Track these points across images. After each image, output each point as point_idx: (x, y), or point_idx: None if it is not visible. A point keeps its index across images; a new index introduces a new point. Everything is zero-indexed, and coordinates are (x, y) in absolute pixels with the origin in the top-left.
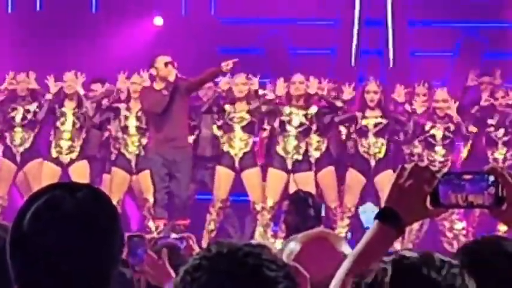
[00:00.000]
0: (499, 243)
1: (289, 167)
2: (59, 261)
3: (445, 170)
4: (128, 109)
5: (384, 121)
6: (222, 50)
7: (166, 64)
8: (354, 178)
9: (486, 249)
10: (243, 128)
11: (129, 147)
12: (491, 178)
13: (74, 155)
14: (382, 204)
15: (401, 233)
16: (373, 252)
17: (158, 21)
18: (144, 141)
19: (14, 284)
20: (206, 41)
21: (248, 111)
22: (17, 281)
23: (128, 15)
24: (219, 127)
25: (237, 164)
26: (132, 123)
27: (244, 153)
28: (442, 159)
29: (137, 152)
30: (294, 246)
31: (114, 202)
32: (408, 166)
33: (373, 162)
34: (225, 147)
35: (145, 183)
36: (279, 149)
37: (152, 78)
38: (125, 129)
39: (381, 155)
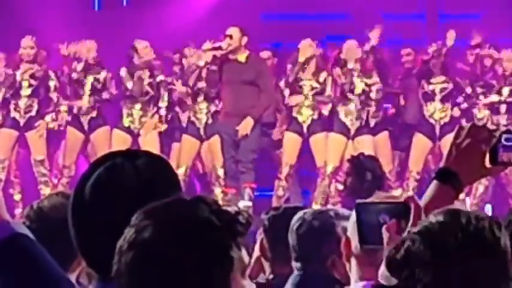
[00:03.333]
0: None
1: (352, 132)
2: (120, 229)
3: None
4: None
5: (450, 86)
6: (277, 17)
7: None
8: (421, 142)
9: None
10: (313, 95)
11: (198, 114)
12: None
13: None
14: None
15: (460, 193)
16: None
17: None
18: (213, 108)
19: (77, 251)
20: (270, 5)
21: (317, 79)
22: (79, 248)
23: None
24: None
25: (305, 130)
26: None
27: (313, 120)
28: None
29: (205, 120)
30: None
31: (183, 169)
32: (465, 126)
33: (438, 127)
34: (294, 114)
35: (215, 149)
36: (342, 115)
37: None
38: (194, 96)
39: (447, 119)
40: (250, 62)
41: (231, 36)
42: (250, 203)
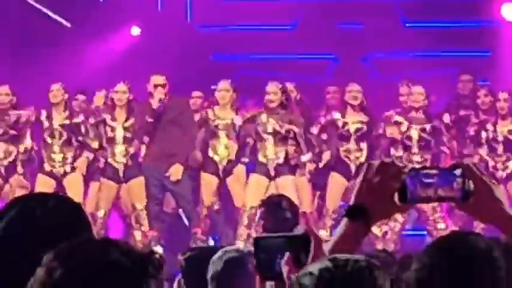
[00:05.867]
0: (469, 239)
1: (272, 173)
2: (33, 269)
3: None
4: (114, 119)
5: (365, 126)
6: (199, 57)
7: (155, 86)
8: (336, 181)
9: (454, 245)
10: (228, 135)
11: (117, 157)
12: (458, 172)
13: (67, 168)
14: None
15: (369, 230)
16: (343, 249)
17: (135, 31)
18: (132, 150)
19: None
20: (184, 49)
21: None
22: None
23: (104, 26)
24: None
25: (220, 171)
26: (120, 133)
27: (229, 160)
28: (420, 160)
29: (125, 162)
30: None
31: (102, 213)
32: (375, 162)
33: (353, 167)
34: (210, 154)
35: (135, 190)
36: (260, 156)
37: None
38: (111, 139)
39: (362, 159)
40: (172, 105)
41: (163, 85)
42: (161, 249)
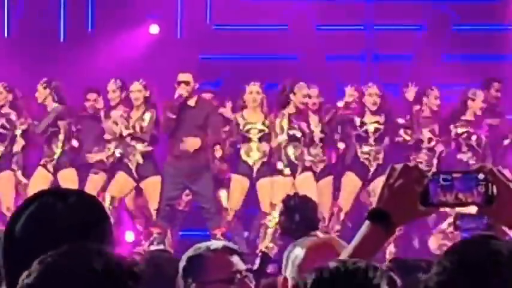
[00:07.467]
0: (490, 243)
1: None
2: None
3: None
4: (129, 117)
5: (383, 126)
6: (217, 57)
7: (179, 83)
8: (351, 181)
9: (475, 249)
10: (260, 138)
11: (131, 155)
12: (481, 176)
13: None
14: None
15: (392, 234)
16: (364, 253)
17: (154, 29)
18: (147, 149)
19: (4, 280)
20: (202, 48)
21: (263, 122)
22: (7, 276)
23: (123, 23)
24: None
25: (254, 173)
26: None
27: (262, 163)
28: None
29: (139, 161)
30: (299, 252)
31: (108, 200)
32: (398, 166)
33: (372, 168)
34: (244, 157)
35: (151, 190)
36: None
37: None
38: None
39: (380, 161)
40: (199, 106)
41: (187, 83)
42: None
